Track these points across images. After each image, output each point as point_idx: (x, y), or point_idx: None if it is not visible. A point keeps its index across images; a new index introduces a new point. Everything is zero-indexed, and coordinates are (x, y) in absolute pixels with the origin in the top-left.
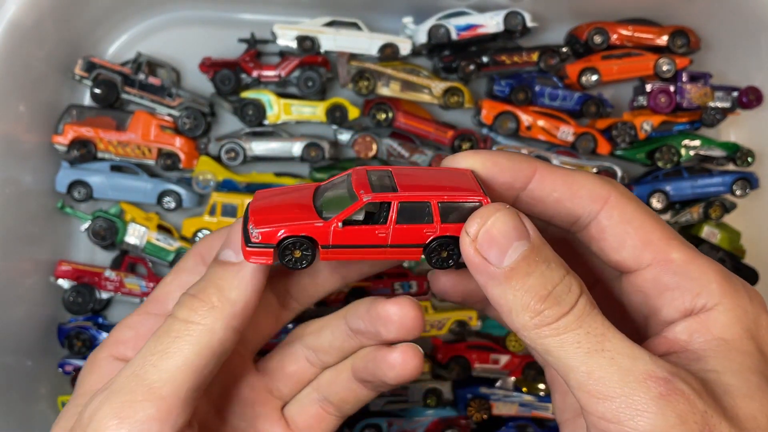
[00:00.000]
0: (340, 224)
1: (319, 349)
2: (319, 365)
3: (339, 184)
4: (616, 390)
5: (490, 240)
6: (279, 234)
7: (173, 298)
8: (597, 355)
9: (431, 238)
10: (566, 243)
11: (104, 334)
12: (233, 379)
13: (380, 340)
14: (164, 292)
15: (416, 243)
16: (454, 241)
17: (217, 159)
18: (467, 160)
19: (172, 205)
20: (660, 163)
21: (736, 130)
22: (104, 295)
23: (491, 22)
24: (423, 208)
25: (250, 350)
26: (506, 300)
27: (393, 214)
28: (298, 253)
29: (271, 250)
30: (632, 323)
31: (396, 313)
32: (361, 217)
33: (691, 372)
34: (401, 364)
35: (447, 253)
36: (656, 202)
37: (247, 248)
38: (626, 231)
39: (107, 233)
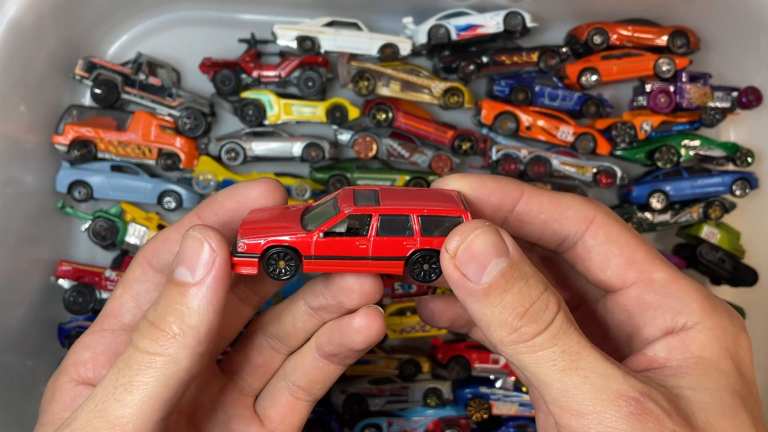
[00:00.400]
0: (321, 235)
1: (281, 336)
2: (284, 351)
3: (326, 204)
4: (589, 407)
5: (469, 256)
6: (263, 243)
7: (127, 309)
8: (571, 373)
9: (412, 250)
10: (553, 263)
11: None
12: (201, 387)
13: (343, 311)
14: (117, 305)
15: (397, 256)
16: (436, 254)
17: (218, 159)
18: (455, 183)
19: (173, 205)
20: (660, 163)
21: (735, 130)
22: (105, 295)
23: (491, 23)
24: (404, 221)
25: (214, 355)
26: (485, 315)
27: (374, 226)
28: (282, 264)
29: (256, 260)
30: (616, 341)
31: (356, 281)
32: (343, 229)
33: (667, 388)
34: (366, 326)
35: (429, 266)
36: (656, 202)
37: (234, 258)
38: (611, 250)
39: (107, 233)
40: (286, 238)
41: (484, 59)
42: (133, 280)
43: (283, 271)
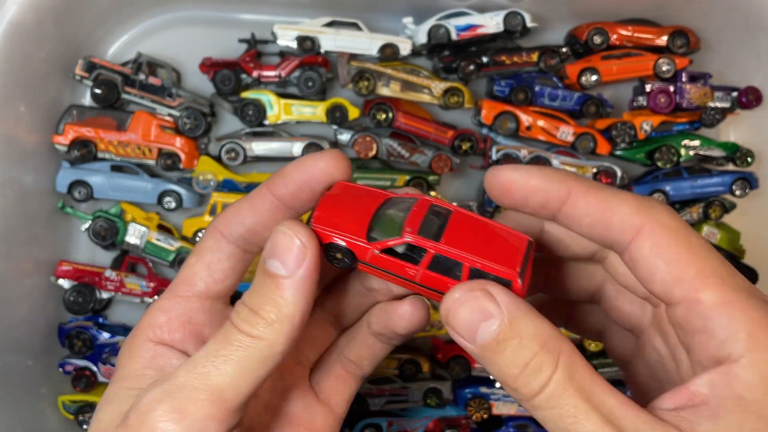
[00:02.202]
0: (378, 250)
1: (338, 312)
2: (338, 327)
3: (402, 205)
4: None
5: (458, 324)
6: (329, 238)
7: (200, 277)
8: None
9: None
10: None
11: (105, 334)
12: None
13: (392, 296)
14: (190, 273)
15: (440, 290)
16: None
17: (218, 159)
18: (508, 174)
19: (173, 205)
20: (660, 163)
21: (735, 130)
22: (105, 295)
23: (491, 23)
24: (454, 265)
25: None
26: (489, 371)
27: (426, 261)
28: (340, 255)
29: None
30: (666, 357)
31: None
32: (400, 250)
33: None
34: (410, 313)
35: None
36: None
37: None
38: (656, 265)
39: (107, 233)
40: (343, 243)
41: (484, 59)
42: (205, 250)
43: (339, 261)
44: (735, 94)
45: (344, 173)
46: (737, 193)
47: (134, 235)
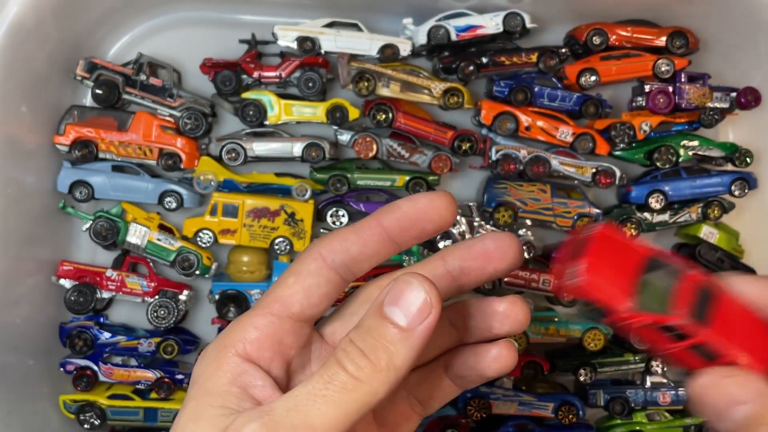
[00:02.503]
0: (650, 323)
1: None
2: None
3: (668, 271)
4: None
5: (708, 406)
6: (598, 294)
7: (297, 300)
8: None
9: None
10: None
11: (106, 334)
12: None
13: (487, 336)
14: (288, 294)
15: (691, 366)
16: None
17: (218, 159)
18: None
19: (174, 205)
20: (658, 164)
21: (734, 130)
22: (105, 295)
23: (491, 23)
24: (716, 353)
25: None
26: None
27: (688, 343)
28: (593, 307)
29: (576, 288)
30: None
31: (511, 309)
32: (668, 331)
33: None
34: (505, 357)
35: None
36: (655, 203)
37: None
38: None
39: (108, 233)
40: (618, 308)
41: (484, 60)
42: (306, 273)
43: (588, 310)
44: (734, 94)
45: (453, 215)
46: (736, 193)
47: (135, 235)
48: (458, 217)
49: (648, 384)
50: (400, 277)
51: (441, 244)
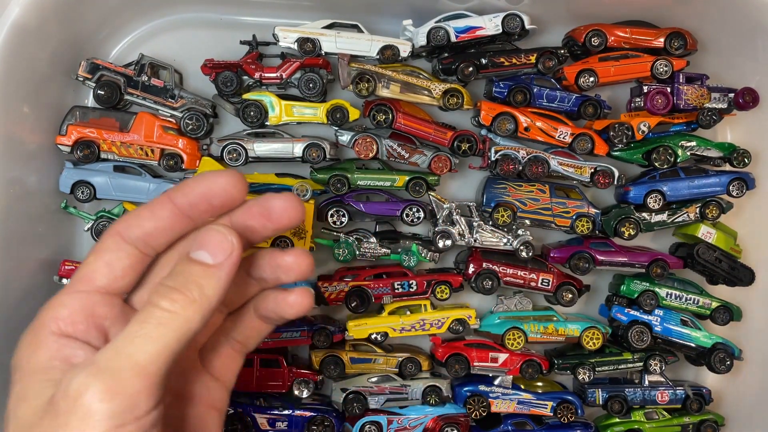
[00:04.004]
0: None
1: (227, 300)
2: (225, 311)
3: None
4: None
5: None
6: None
7: (101, 274)
8: None
9: None
10: None
11: None
12: None
13: (280, 283)
14: (90, 270)
15: None
16: None
17: (220, 160)
18: None
19: None
20: (657, 164)
21: (732, 130)
22: None
23: (490, 25)
24: None
25: None
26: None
27: None
28: None
29: None
30: None
31: (294, 261)
32: None
33: None
34: (299, 303)
35: None
36: (653, 203)
37: None
38: None
39: None
40: None
41: (483, 61)
42: (105, 250)
43: None
44: (732, 95)
45: (241, 191)
46: (734, 193)
47: None
48: (457, 217)
49: (646, 383)
50: (202, 228)
51: (441, 244)
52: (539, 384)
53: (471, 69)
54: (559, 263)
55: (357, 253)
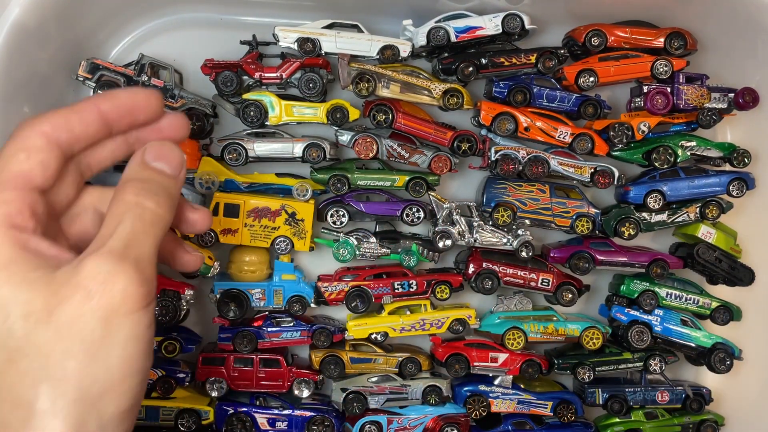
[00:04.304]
0: None
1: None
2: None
3: None
4: None
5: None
6: None
7: (37, 175)
8: None
9: None
10: None
11: None
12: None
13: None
14: (27, 169)
15: None
16: None
17: (220, 159)
18: None
19: None
20: (657, 164)
21: (732, 130)
22: None
23: (490, 25)
24: None
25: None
26: None
27: None
28: None
29: None
30: None
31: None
32: None
33: None
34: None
35: None
36: (653, 203)
37: None
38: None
39: None
40: None
41: (483, 61)
42: (37, 149)
43: None
44: (732, 95)
45: (160, 109)
46: (734, 193)
47: None
48: (457, 217)
49: (646, 382)
50: (156, 142)
51: (441, 244)
52: (539, 384)
53: (471, 69)
54: (559, 263)
55: (357, 253)
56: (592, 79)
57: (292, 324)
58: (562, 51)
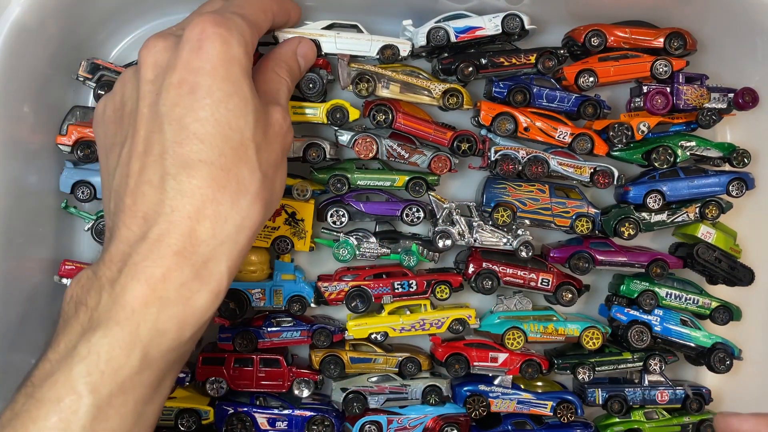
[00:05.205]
0: None
1: None
2: None
3: None
4: None
5: None
6: None
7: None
8: None
9: None
10: None
11: None
12: None
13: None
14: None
15: None
16: None
17: None
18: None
19: None
20: (656, 164)
21: (732, 130)
22: None
23: (490, 25)
24: None
25: None
26: None
27: None
28: None
29: None
30: None
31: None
32: None
33: None
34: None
35: None
36: (652, 203)
37: None
38: None
39: None
40: None
41: (483, 61)
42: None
43: None
44: (731, 95)
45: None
46: (734, 193)
47: None
48: (457, 217)
49: (646, 382)
50: (307, 41)
51: (441, 244)
52: (539, 384)
53: (471, 69)
54: (559, 263)
55: (357, 253)
56: (591, 79)
57: (292, 324)
58: (562, 51)
